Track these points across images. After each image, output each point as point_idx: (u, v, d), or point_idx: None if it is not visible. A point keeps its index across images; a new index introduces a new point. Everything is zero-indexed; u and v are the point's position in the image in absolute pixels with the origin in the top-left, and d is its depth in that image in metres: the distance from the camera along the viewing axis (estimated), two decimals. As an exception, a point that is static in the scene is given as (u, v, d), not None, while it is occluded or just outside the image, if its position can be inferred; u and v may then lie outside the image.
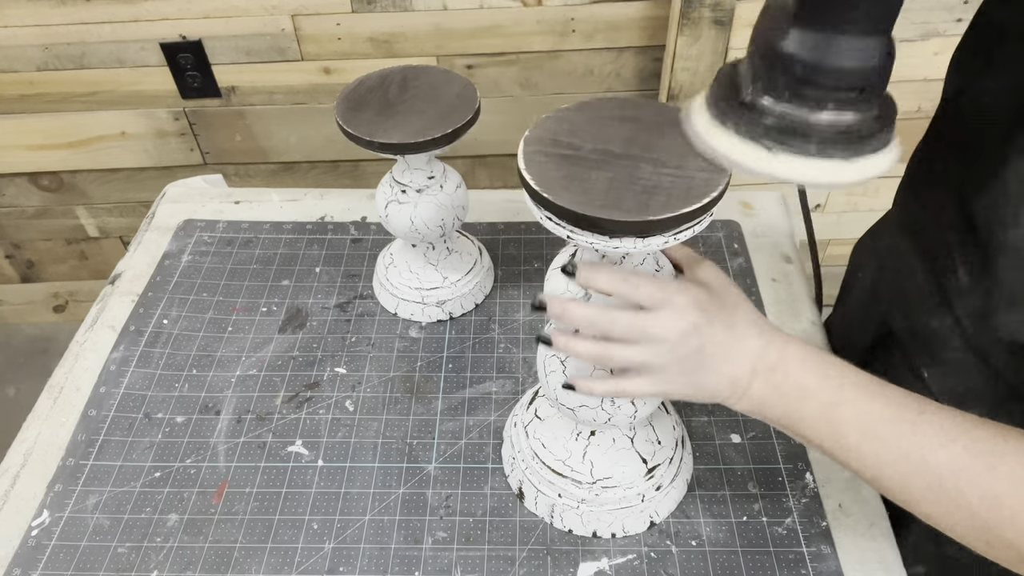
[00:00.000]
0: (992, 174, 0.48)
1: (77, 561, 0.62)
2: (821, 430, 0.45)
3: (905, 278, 0.59)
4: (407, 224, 0.73)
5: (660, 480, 0.62)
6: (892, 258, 0.61)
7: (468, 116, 0.67)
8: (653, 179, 0.44)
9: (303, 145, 1.45)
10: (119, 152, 1.44)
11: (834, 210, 1.62)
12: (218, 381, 0.75)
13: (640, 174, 0.45)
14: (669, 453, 0.63)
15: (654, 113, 0.48)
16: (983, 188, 0.49)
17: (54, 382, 0.75)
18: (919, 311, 0.57)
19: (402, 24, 1.27)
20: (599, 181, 0.45)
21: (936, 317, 0.55)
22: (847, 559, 0.61)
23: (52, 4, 1.24)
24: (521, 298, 0.82)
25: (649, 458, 0.62)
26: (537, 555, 0.62)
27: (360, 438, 0.70)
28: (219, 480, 0.67)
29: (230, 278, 0.85)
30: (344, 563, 0.62)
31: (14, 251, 1.64)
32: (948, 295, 0.54)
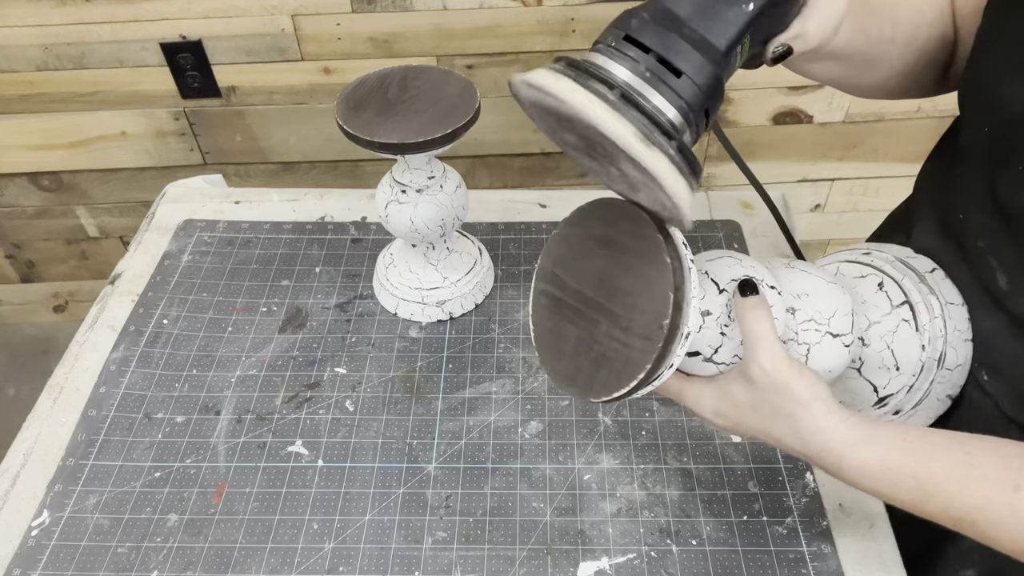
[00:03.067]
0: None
1: (77, 561, 0.62)
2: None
3: (950, 280, 0.58)
4: (407, 224, 0.73)
5: (899, 405, 0.58)
6: (930, 258, 0.60)
7: (468, 116, 0.67)
8: (604, 345, 0.48)
9: (303, 145, 1.44)
10: (119, 152, 1.44)
11: (834, 210, 1.62)
12: (218, 381, 0.75)
13: (598, 335, 0.48)
14: (908, 380, 0.58)
15: (630, 231, 0.48)
16: (1017, 186, 0.49)
17: (54, 382, 0.75)
18: (970, 312, 0.56)
19: (402, 24, 1.27)
20: (569, 340, 0.50)
21: (990, 316, 0.54)
22: (847, 559, 0.61)
23: (52, 4, 1.24)
24: (521, 298, 0.82)
25: (882, 386, 0.58)
26: (537, 555, 0.62)
27: (360, 438, 0.70)
28: (219, 480, 0.67)
29: (230, 278, 0.85)
30: (344, 563, 0.62)
31: (14, 251, 1.63)
32: (996, 296, 0.53)
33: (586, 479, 0.67)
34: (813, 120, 1.45)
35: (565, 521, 0.64)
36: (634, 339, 0.46)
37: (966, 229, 0.55)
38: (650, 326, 0.45)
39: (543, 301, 0.52)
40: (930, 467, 0.45)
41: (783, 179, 1.55)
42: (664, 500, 0.65)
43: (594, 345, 0.48)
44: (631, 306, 0.46)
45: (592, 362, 0.48)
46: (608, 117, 0.39)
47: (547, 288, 0.51)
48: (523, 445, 0.70)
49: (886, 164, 1.53)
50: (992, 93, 0.51)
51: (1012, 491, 0.42)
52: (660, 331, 0.44)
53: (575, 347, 0.49)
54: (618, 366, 0.46)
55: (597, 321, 0.48)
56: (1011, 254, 0.51)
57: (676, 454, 0.69)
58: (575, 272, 0.50)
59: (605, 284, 0.48)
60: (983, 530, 0.43)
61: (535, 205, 0.93)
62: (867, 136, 1.48)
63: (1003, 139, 0.51)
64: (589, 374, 0.48)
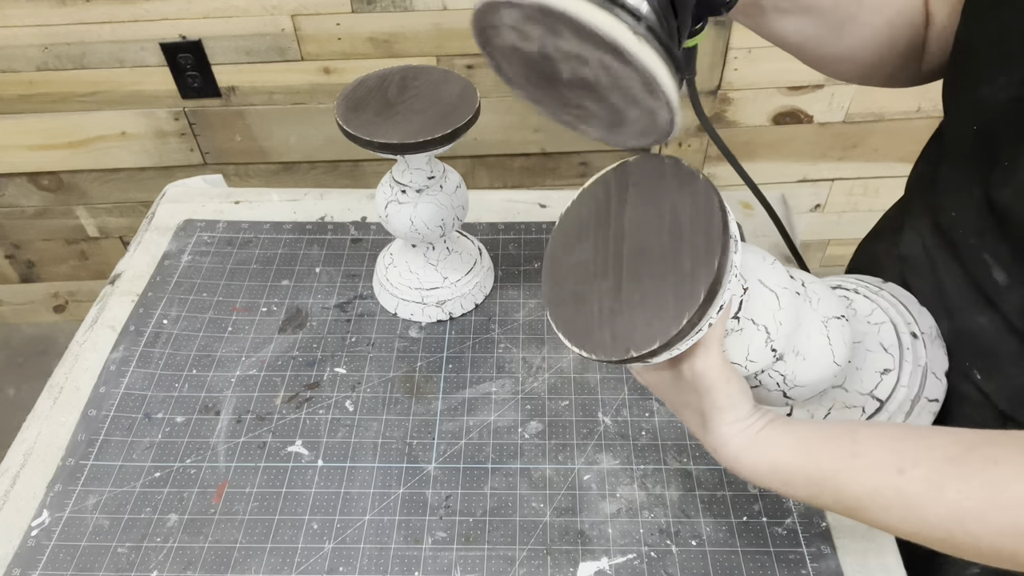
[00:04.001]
0: (1015, 160, 0.48)
1: (77, 561, 0.62)
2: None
3: (942, 279, 0.58)
4: (407, 224, 0.73)
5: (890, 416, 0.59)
6: (923, 259, 0.60)
7: (468, 116, 0.67)
8: (633, 295, 0.45)
9: (303, 145, 1.45)
10: (119, 152, 1.44)
11: (834, 210, 1.62)
12: (218, 381, 0.75)
13: (628, 287, 0.46)
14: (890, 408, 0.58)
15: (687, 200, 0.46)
16: (1007, 175, 0.49)
17: (54, 382, 0.75)
18: (962, 311, 0.56)
19: (402, 24, 1.27)
20: (590, 287, 0.47)
21: (983, 314, 0.54)
22: (847, 559, 0.61)
23: (52, 4, 1.24)
24: (521, 298, 0.82)
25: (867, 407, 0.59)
26: (537, 555, 0.62)
27: (360, 438, 0.70)
28: (219, 480, 0.67)
29: (230, 278, 0.85)
30: (344, 563, 0.62)
31: (14, 251, 1.64)
32: (989, 294, 0.53)
33: (586, 479, 0.67)
34: (813, 120, 1.45)
35: (565, 521, 0.64)
36: (674, 281, 0.43)
37: (958, 227, 0.55)
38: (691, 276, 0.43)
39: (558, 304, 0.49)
40: (818, 462, 0.45)
41: (783, 179, 1.55)
42: (664, 501, 0.65)
43: (621, 296, 0.45)
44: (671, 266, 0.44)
45: (611, 313, 0.45)
46: (590, 9, 0.38)
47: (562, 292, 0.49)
48: (523, 445, 0.70)
49: (886, 164, 1.53)
50: (976, 92, 0.52)
51: (896, 474, 0.42)
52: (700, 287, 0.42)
53: (596, 296, 0.46)
54: (648, 317, 0.43)
55: (631, 273, 0.45)
56: (1005, 249, 0.51)
57: (676, 455, 0.69)
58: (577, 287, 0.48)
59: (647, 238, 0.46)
60: (874, 516, 0.44)
61: (535, 205, 0.93)
62: (867, 136, 1.48)
63: (989, 136, 0.51)
64: (607, 326, 0.45)
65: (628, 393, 0.73)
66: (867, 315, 0.60)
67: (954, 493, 0.40)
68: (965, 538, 0.40)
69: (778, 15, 0.56)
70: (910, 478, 0.42)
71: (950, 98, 0.57)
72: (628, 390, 0.73)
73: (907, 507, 0.42)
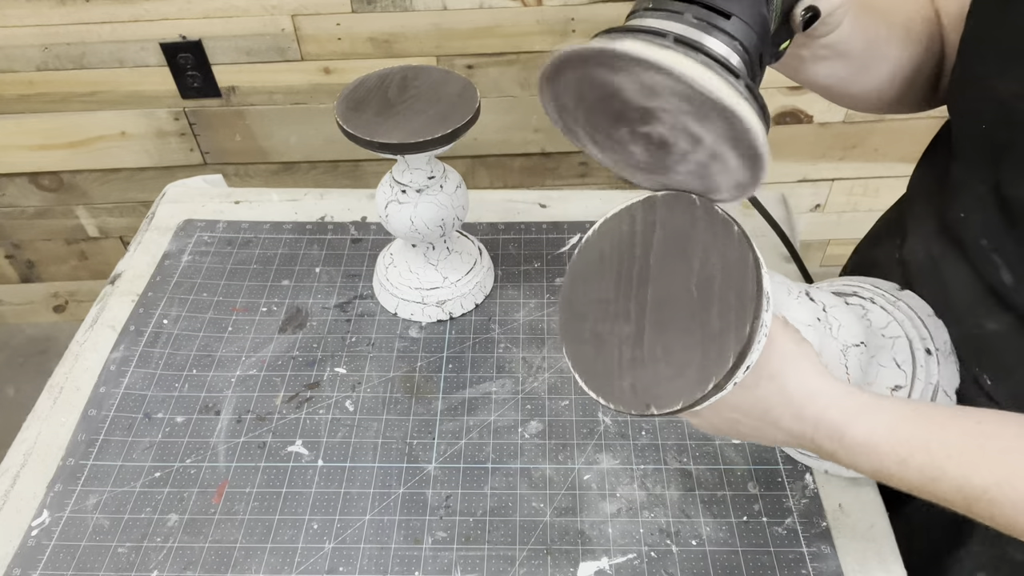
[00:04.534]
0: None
1: (77, 561, 0.62)
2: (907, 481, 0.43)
3: (949, 283, 0.57)
4: (407, 224, 0.73)
5: None
6: (928, 264, 0.60)
7: (468, 116, 0.67)
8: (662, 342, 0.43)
9: (303, 145, 1.45)
10: (119, 152, 1.44)
11: (834, 210, 1.62)
12: (218, 381, 0.75)
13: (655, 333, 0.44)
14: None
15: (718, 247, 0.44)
16: (1018, 173, 0.49)
17: (54, 382, 0.75)
18: (971, 314, 0.56)
19: (402, 24, 1.27)
20: (613, 338, 0.45)
21: (993, 317, 0.54)
22: (847, 559, 0.61)
23: (52, 4, 1.24)
24: (521, 298, 0.82)
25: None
26: (537, 555, 0.62)
27: (360, 438, 0.70)
28: (219, 480, 0.67)
29: (230, 278, 0.85)
30: (344, 563, 0.62)
31: (14, 251, 1.64)
32: (999, 295, 0.53)
33: (586, 479, 0.67)
34: (813, 120, 1.45)
35: (565, 521, 0.64)
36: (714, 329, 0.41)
37: (967, 228, 0.55)
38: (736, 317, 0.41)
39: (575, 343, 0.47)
40: (944, 439, 0.40)
41: (783, 179, 1.55)
42: (664, 500, 0.65)
43: (648, 345, 0.43)
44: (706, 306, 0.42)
45: (640, 363, 0.43)
46: (698, 69, 0.36)
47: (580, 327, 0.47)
48: (523, 445, 0.70)
49: (886, 164, 1.53)
50: (985, 91, 0.52)
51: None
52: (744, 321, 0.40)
53: (622, 346, 0.44)
54: (689, 362, 0.42)
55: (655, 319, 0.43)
56: (1014, 249, 0.51)
57: (676, 454, 0.69)
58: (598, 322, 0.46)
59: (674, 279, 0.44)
60: (1001, 509, 0.39)
61: (535, 205, 0.93)
62: (867, 136, 1.48)
63: (1001, 134, 0.51)
64: (640, 377, 0.43)
65: (628, 393, 0.73)
66: (882, 327, 0.59)
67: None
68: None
69: (816, 62, 0.55)
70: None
71: (958, 99, 0.57)
72: (628, 390, 0.73)
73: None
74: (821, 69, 0.56)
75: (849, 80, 0.58)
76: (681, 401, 0.42)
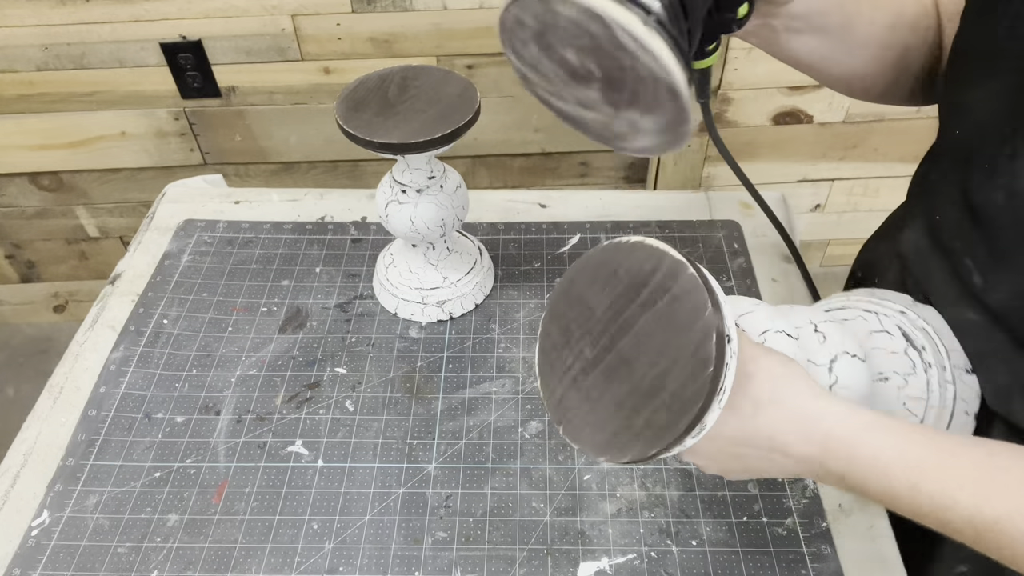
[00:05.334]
0: (993, 166, 0.49)
1: (77, 561, 0.62)
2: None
3: (934, 279, 0.58)
4: (407, 224, 0.73)
5: None
6: (919, 259, 0.60)
7: (468, 116, 0.67)
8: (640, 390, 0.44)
9: (303, 145, 1.45)
10: (119, 152, 1.44)
11: (834, 210, 1.62)
12: (218, 381, 0.75)
13: (631, 381, 0.45)
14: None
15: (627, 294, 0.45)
16: (986, 181, 0.50)
17: (54, 382, 0.75)
18: (952, 310, 0.57)
19: (402, 24, 1.27)
20: (597, 395, 0.46)
21: (970, 311, 0.55)
22: (847, 559, 0.61)
23: (52, 4, 1.24)
24: (521, 298, 0.82)
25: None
26: (537, 555, 0.62)
27: (360, 438, 0.70)
28: (219, 480, 0.67)
29: (230, 278, 0.85)
30: (344, 563, 0.62)
31: (14, 251, 1.64)
32: (974, 293, 0.54)
33: (586, 479, 0.67)
34: (813, 120, 1.45)
35: (565, 521, 0.64)
36: (676, 378, 0.42)
37: (943, 230, 0.56)
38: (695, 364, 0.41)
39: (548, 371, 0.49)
40: (956, 466, 0.39)
41: (783, 179, 1.55)
42: (664, 501, 0.65)
43: (626, 395, 0.44)
44: (665, 352, 0.43)
45: (628, 412, 0.44)
46: (611, 4, 0.39)
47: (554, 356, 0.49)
48: (523, 445, 0.70)
49: (886, 164, 1.53)
50: (961, 98, 0.53)
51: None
52: (706, 364, 0.40)
53: (611, 403, 0.45)
54: (660, 413, 0.42)
55: (625, 365, 0.44)
56: (982, 252, 0.52)
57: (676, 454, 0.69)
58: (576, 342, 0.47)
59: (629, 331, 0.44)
60: (1010, 541, 0.38)
61: (535, 205, 0.93)
62: (867, 136, 1.48)
63: (970, 141, 0.52)
64: (622, 427, 0.44)
65: (628, 393, 0.73)
66: (884, 339, 0.58)
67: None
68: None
69: (790, 36, 0.56)
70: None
71: (941, 104, 0.58)
72: (628, 390, 0.73)
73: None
74: (799, 44, 0.57)
75: (831, 59, 0.58)
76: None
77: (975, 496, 0.39)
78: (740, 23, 0.52)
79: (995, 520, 0.38)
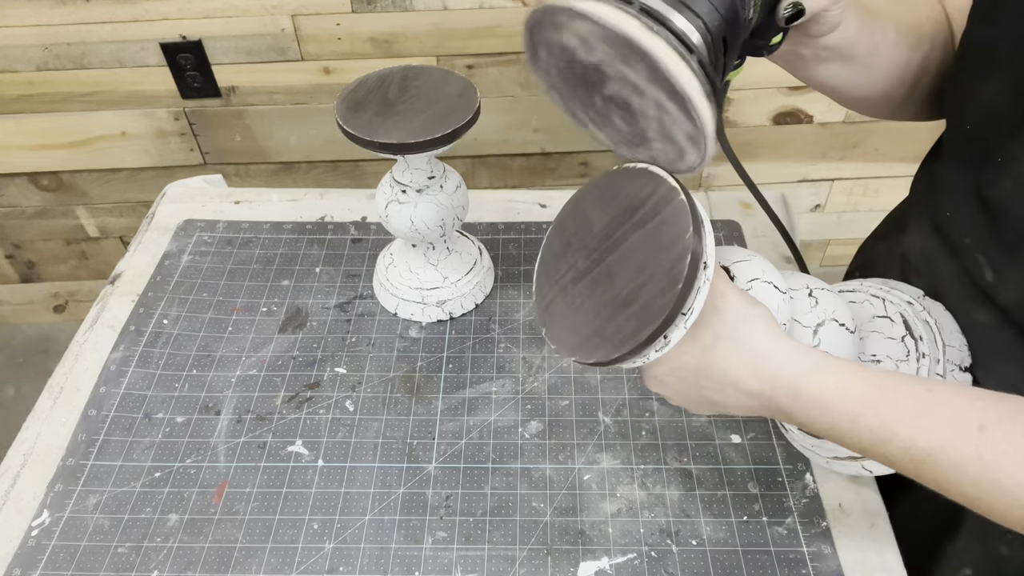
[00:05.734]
0: (1007, 156, 0.49)
1: (77, 561, 0.62)
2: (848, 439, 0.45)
3: (941, 279, 0.58)
4: (407, 224, 0.73)
5: None
6: (924, 259, 0.60)
7: (468, 116, 0.67)
8: (617, 297, 0.47)
9: (303, 145, 1.45)
10: (119, 152, 1.44)
11: (834, 210, 1.62)
12: (218, 381, 0.75)
13: (611, 289, 0.47)
14: None
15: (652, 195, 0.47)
16: (999, 173, 0.50)
17: (54, 382, 0.75)
18: (959, 309, 0.57)
19: (402, 24, 1.27)
20: (579, 299, 0.49)
21: (980, 312, 0.55)
22: (847, 559, 0.61)
23: (52, 4, 1.24)
24: (521, 298, 0.82)
25: None
26: (537, 555, 0.62)
27: (360, 438, 0.70)
28: (219, 480, 0.67)
29: (230, 278, 0.85)
30: (344, 563, 0.62)
31: (14, 251, 1.64)
32: (984, 292, 0.54)
33: (586, 479, 0.67)
34: (813, 120, 1.45)
35: (565, 521, 0.64)
36: (650, 289, 0.44)
37: (953, 226, 0.56)
38: (669, 271, 0.44)
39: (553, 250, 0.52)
40: (895, 401, 0.42)
41: (783, 179, 1.55)
42: (664, 500, 0.66)
43: (606, 301, 0.46)
44: (647, 262, 0.45)
45: (603, 319, 0.46)
46: (642, 32, 0.38)
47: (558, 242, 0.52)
48: (523, 445, 0.70)
49: (886, 164, 1.53)
50: (971, 93, 0.53)
51: (977, 431, 0.40)
52: (678, 276, 0.43)
53: (589, 307, 0.48)
54: (630, 320, 0.45)
55: (609, 276, 0.47)
56: (994, 246, 0.52)
57: (676, 454, 0.69)
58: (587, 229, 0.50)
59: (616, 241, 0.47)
60: (944, 473, 0.41)
61: (535, 205, 0.93)
62: (867, 136, 1.48)
63: (983, 135, 0.52)
64: (596, 332, 0.47)
65: (628, 393, 0.73)
66: (885, 324, 0.58)
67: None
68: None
69: (817, 64, 0.56)
70: (991, 437, 0.39)
71: (949, 101, 0.58)
72: (628, 390, 0.73)
73: (983, 467, 0.39)
74: (826, 71, 0.57)
75: (856, 83, 0.58)
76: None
77: (912, 429, 0.41)
78: (771, 50, 0.52)
79: (928, 452, 0.41)
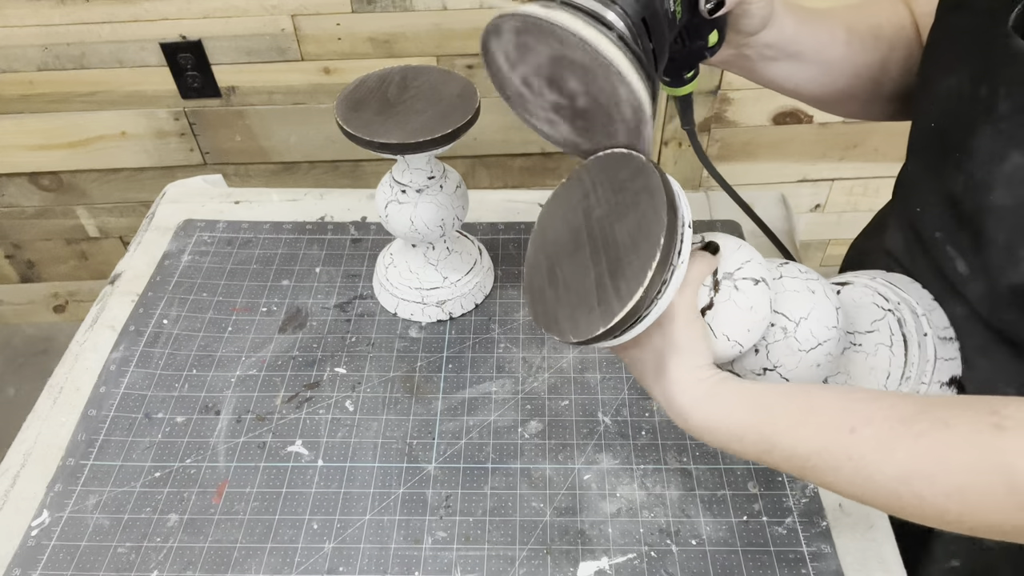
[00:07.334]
0: (964, 151, 0.50)
1: (77, 561, 0.62)
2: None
3: (918, 273, 0.59)
4: (407, 224, 0.73)
5: None
6: (904, 254, 0.61)
7: (468, 116, 0.67)
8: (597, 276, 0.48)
9: (303, 145, 1.45)
10: (119, 152, 1.44)
11: (834, 210, 1.62)
12: (218, 381, 0.75)
13: (592, 273, 0.49)
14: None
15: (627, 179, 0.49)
16: (959, 166, 0.51)
17: (54, 382, 0.75)
18: (940, 302, 0.57)
19: (402, 24, 1.27)
20: (563, 279, 0.51)
21: (953, 307, 0.56)
22: (847, 559, 0.61)
23: (52, 4, 1.24)
24: (521, 298, 0.82)
25: None
26: (537, 555, 0.62)
27: (360, 438, 0.70)
28: (219, 480, 0.67)
29: (230, 278, 0.85)
30: (344, 563, 0.62)
31: (14, 251, 1.64)
32: (955, 286, 0.54)
33: (586, 479, 0.67)
34: (813, 120, 1.45)
35: (565, 521, 0.64)
36: (631, 262, 0.46)
37: (924, 222, 0.57)
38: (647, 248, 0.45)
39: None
40: (772, 419, 0.45)
41: (783, 179, 1.55)
42: (664, 500, 0.66)
43: (587, 282, 0.48)
44: (629, 244, 0.46)
45: (583, 299, 0.48)
46: (558, 13, 0.43)
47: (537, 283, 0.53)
48: (523, 445, 0.70)
49: (886, 164, 1.53)
50: (934, 89, 0.54)
51: (848, 433, 0.42)
52: (653, 254, 0.44)
53: (568, 285, 0.49)
54: (608, 297, 0.46)
55: (594, 259, 0.48)
56: (965, 239, 0.53)
57: (676, 454, 0.69)
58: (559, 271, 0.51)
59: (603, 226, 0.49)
60: (824, 476, 0.43)
61: (535, 205, 0.93)
62: (867, 136, 1.48)
63: (945, 131, 0.53)
64: (580, 311, 0.48)
65: (628, 393, 0.73)
66: (865, 307, 0.59)
67: (903, 453, 0.40)
68: (911, 499, 0.40)
69: (766, 63, 0.58)
70: (861, 437, 0.41)
71: (917, 98, 0.59)
72: (628, 390, 0.73)
73: (856, 467, 0.42)
74: (778, 70, 0.58)
75: (813, 82, 0.60)
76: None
77: (791, 439, 0.45)
78: (712, 50, 0.54)
79: (806, 458, 0.44)
